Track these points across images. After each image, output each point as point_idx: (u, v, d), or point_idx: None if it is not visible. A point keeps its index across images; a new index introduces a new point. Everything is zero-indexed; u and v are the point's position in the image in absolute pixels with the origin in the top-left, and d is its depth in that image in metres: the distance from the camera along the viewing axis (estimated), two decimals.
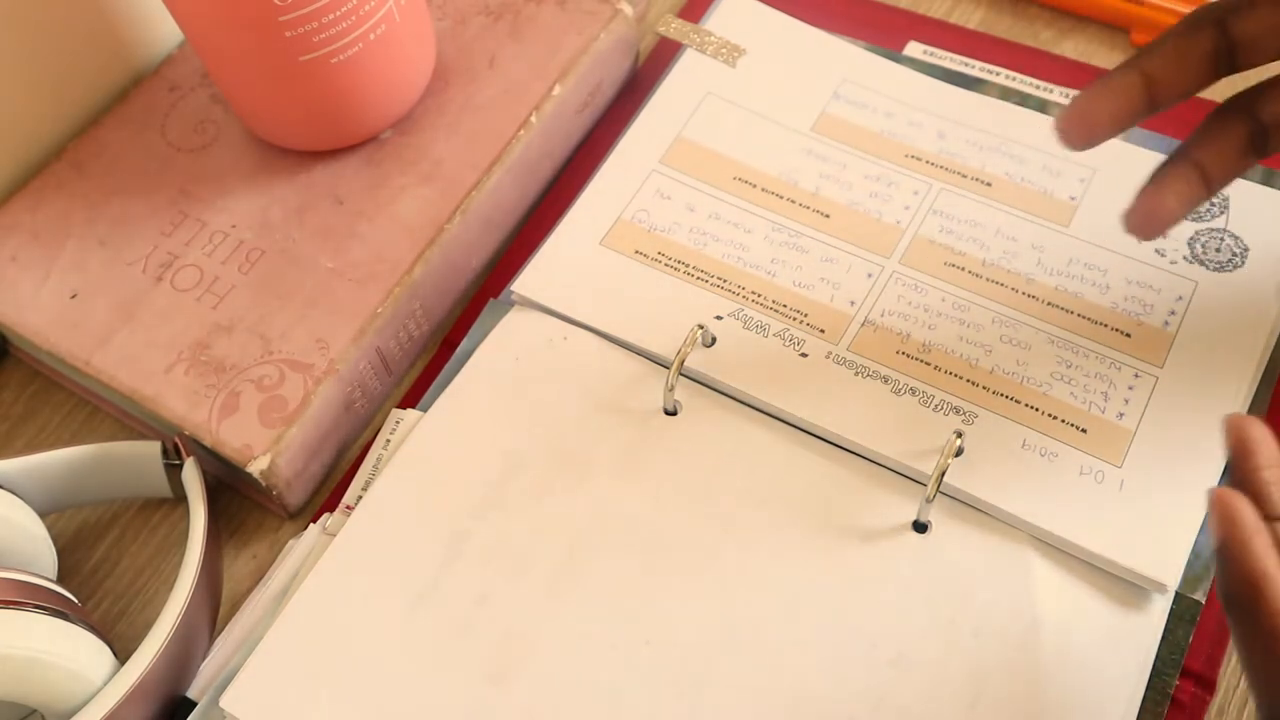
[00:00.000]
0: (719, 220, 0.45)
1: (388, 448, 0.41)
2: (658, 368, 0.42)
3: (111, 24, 0.48)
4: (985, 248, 0.44)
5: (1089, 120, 0.34)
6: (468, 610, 0.37)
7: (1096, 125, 0.34)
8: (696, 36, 0.50)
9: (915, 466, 0.38)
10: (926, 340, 0.41)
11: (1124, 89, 0.34)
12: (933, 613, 0.36)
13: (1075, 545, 0.37)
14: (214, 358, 0.41)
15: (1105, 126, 0.34)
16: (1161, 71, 0.34)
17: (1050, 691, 0.35)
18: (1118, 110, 0.34)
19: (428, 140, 0.46)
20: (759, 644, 0.36)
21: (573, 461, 0.40)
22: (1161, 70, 0.34)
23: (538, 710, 0.35)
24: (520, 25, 0.48)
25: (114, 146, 0.47)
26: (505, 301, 0.44)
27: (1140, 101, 0.34)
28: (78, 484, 0.39)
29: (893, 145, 0.47)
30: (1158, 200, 0.35)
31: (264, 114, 0.44)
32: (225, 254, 0.43)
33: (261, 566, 0.41)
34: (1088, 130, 0.34)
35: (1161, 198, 0.35)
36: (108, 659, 0.34)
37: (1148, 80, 0.34)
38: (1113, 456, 0.38)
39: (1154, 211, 0.35)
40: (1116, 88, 0.34)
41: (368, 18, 0.41)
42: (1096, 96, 0.34)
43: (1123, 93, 0.34)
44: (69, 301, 0.42)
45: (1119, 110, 0.34)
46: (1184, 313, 0.42)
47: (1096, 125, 0.34)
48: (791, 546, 0.38)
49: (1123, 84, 0.34)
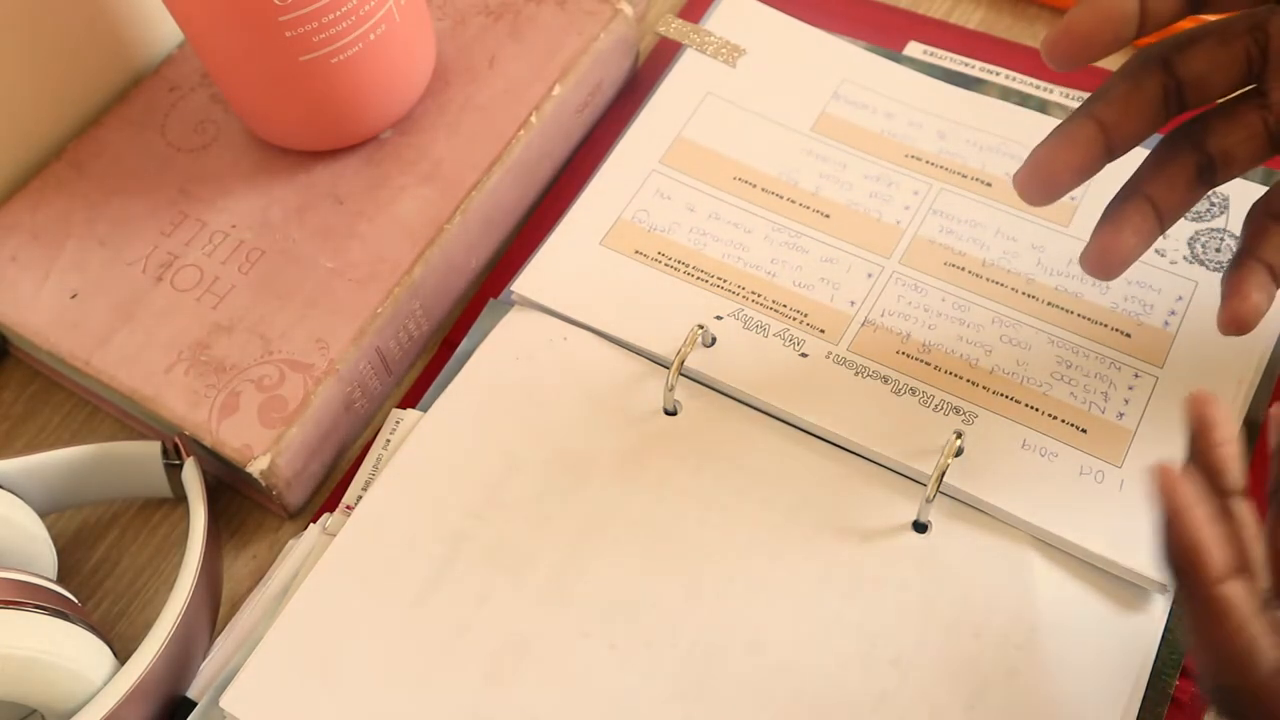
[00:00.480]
0: (719, 220, 0.45)
1: (388, 448, 0.41)
2: (658, 368, 0.42)
3: (111, 24, 0.48)
4: (985, 248, 0.44)
5: (1050, 175, 0.34)
6: (468, 610, 0.37)
7: (1057, 180, 0.34)
8: (696, 36, 0.50)
9: (915, 466, 0.38)
10: (926, 340, 0.41)
11: (1082, 141, 0.33)
12: (933, 613, 0.36)
13: (1075, 545, 0.37)
14: (214, 358, 0.41)
15: (1066, 180, 0.34)
16: (1114, 119, 0.33)
17: (1050, 692, 0.35)
18: (1078, 163, 0.34)
19: (428, 140, 0.46)
20: (759, 644, 0.36)
21: (573, 461, 0.40)
22: (1114, 117, 0.33)
23: (538, 710, 0.35)
24: (520, 25, 0.48)
25: (114, 146, 0.47)
26: (505, 301, 0.44)
27: (1098, 150, 0.34)
28: (78, 484, 0.39)
29: (893, 145, 0.47)
30: (1116, 239, 0.34)
31: (264, 114, 0.44)
32: (225, 254, 0.43)
33: (261, 566, 0.41)
34: (1049, 186, 0.34)
35: (1120, 236, 0.34)
36: (108, 659, 0.34)
37: (1103, 128, 0.33)
38: (1113, 456, 0.38)
39: (1113, 250, 0.34)
40: (1075, 139, 0.33)
41: (368, 18, 0.41)
42: (1055, 149, 0.34)
43: (1081, 145, 0.33)
44: (69, 301, 0.42)
45: (1079, 163, 0.34)
46: (1184, 313, 0.42)
47: (1057, 180, 0.34)
48: (791, 546, 0.38)
49: (1080, 135, 0.33)
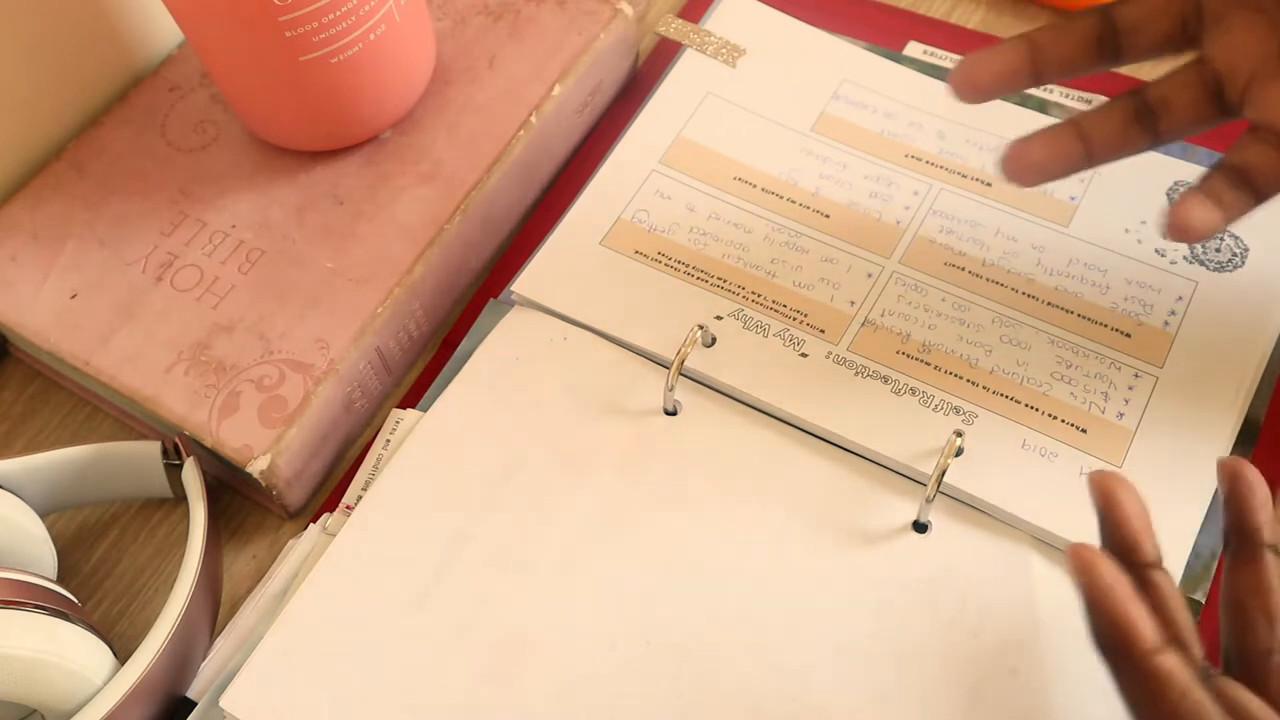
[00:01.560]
0: (719, 220, 0.45)
1: (388, 448, 0.41)
2: (658, 368, 0.42)
3: (111, 24, 0.48)
4: (985, 248, 0.44)
5: (973, 75, 0.37)
6: (467, 610, 0.37)
7: (978, 80, 0.37)
8: (696, 36, 0.50)
9: (915, 466, 0.38)
10: (926, 340, 0.41)
11: (1009, 51, 0.37)
12: (933, 613, 0.36)
13: None
14: (214, 358, 0.41)
15: (987, 82, 0.37)
16: (1046, 41, 0.37)
17: (1050, 692, 0.35)
18: (998, 68, 0.37)
19: (428, 140, 0.46)
20: (759, 644, 0.36)
21: (573, 461, 0.40)
22: (1046, 40, 0.37)
23: (538, 710, 0.35)
24: (520, 25, 0.48)
25: (114, 146, 0.47)
26: (505, 301, 0.44)
27: (1024, 65, 0.37)
28: (78, 484, 0.39)
29: (893, 145, 0.47)
30: (1025, 146, 0.37)
31: (264, 114, 0.44)
32: (225, 254, 0.43)
33: (261, 566, 0.41)
34: (972, 83, 0.37)
35: (1030, 144, 0.37)
36: (108, 659, 0.34)
37: (1032, 46, 0.37)
38: (1113, 457, 0.38)
39: (1020, 155, 0.37)
40: (1004, 49, 0.37)
41: (367, 18, 0.41)
42: (983, 54, 0.37)
43: (1008, 54, 0.37)
44: (69, 301, 0.42)
45: (1000, 68, 0.37)
46: (1184, 313, 0.42)
47: (978, 80, 0.37)
48: (791, 546, 0.38)
49: (1010, 47, 0.37)
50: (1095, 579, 0.28)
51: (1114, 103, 0.37)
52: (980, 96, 0.37)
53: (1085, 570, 0.28)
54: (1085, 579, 0.28)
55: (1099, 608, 0.28)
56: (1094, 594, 0.28)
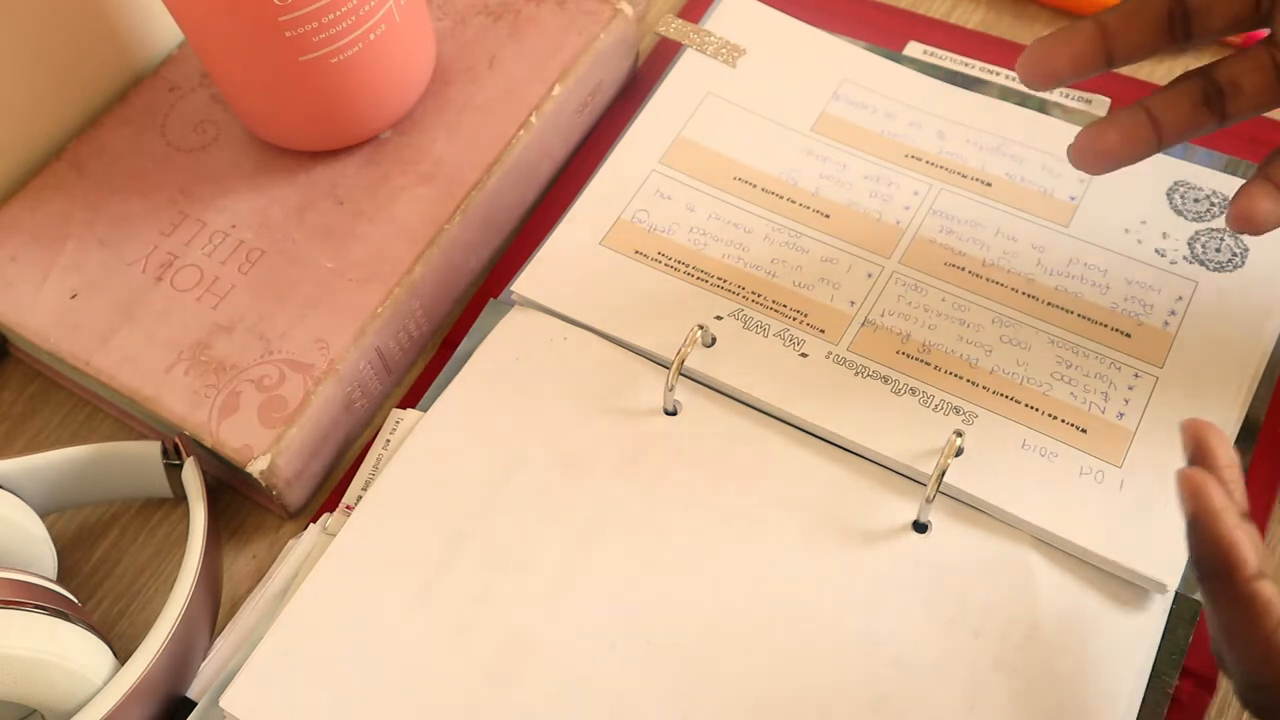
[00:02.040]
0: (719, 220, 0.45)
1: (388, 448, 0.41)
2: (658, 368, 0.42)
3: (111, 24, 0.48)
4: (985, 248, 0.44)
5: (1047, 60, 0.36)
6: (468, 610, 0.37)
7: (1053, 65, 0.36)
8: (696, 36, 0.50)
9: (915, 466, 0.38)
10: (926, 340, 0.41)
11: (1082, 34, 0.36)
12: (933, 613, 0.36)
13: (1075, 545, 0.37)
14: (214, 358, 0.41)
15: (1062, 68, 0.36)
16: (1117, 25, 0.36)
17: (1050, 692, 0.35)
18: (1074, 52, 0.36)
19: (428, 140, 0.46)
20: (759, 644, 0.36)
21: (573, 461, 0.40)
22: (1117, 24, 0.36)
23: (538, 710, 0.35)
24: (520, 25, 0.48)
25: (114, 146, 0.47)
26: (505, 301, 0.44)
27: (1096, 49, 0.36)
28: (78, 484, 0.39)
29: (893, 145, 0.47)
30: (1099, 133, 0.37)
31: (264, 114, 0.44)
32: (225, 254, 0.43)
33: (261, 566, 0.41)
34: (1045, 70, 0.37)
35: (1103, 131, 0.37)
36: (108, 659, 0.34)
37: (1103, 30, 0.36)
38: (1113, 456, 0.38)
39: (1093, 143, 0.37)
40: (1076, 32, 0.36)
41: (367, 18, 0.41)
42: (1056, 37, 0.36)
43: (1081, 38, 0.36)
44: (69, 301, 0.42)
45: (1075, 52, 0.36)
46: (1184, 313, 0.42)
47: (1053, 65, 0.36)
48: (791, 546, 0.38)
49: (1082, 30, 0.36)
50: (1206, 502, 0.28)
51: (1182, 85, 0.36)
52: (1052, 83, 0.37)
53: (1196, 494, 0.28)
54: (1197, 503, 0.28)
55: (1206, 531, 0.28)
56: (1203, 517, 0.28)
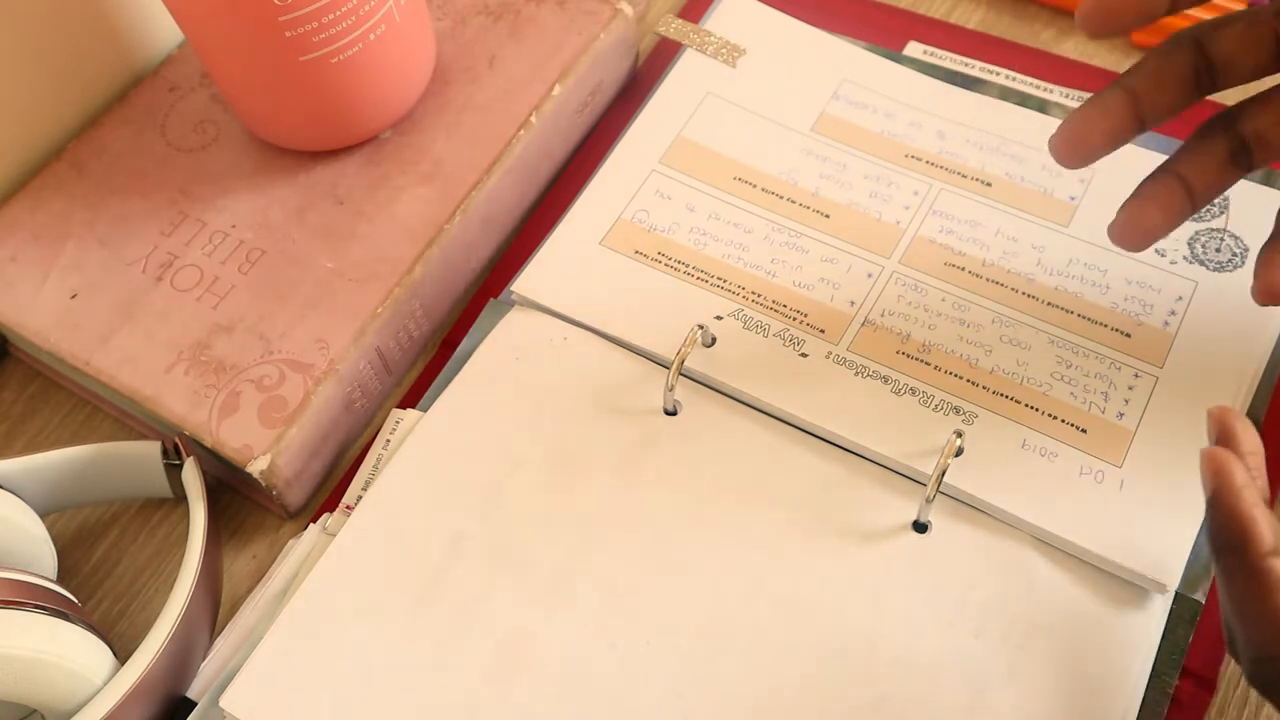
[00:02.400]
0: (719, 220, 0.45)
1: (388, 448, 0.41)
2: (658, 368, 0.42)
3: (111, 24, 0.48)
4: (985, 248, 0.44)
5: (1083, 138, 0.35)
6: (468, 610, 0.37)
7: (1090, 143, 0.35)
8: (696, 36, 0.50)
9: (915, 466, 0.38)
10: (926, 340, 0.41)
11: (1115, 107, 0.35)
12: (933, 613, 0.36)
13: (1075, 545, 0.37)
14: (214, 358, 0.41)
15: (1099, 145, 0.35)
16: (1145, 89, 0.35)
17: (1050, 692, 0.35)
18: (1110, 128, 0.35)
19: (428, 140, 0.46)
20: (759, 644, 0.36)
21: (573, 461, 0.40)
22: (1145, 88, 0.35)
23: (538, 710, 0.35)
24: (520, 25, 0.48)
25: (114, 146, 0.47)
26: (505, 301, 0.44)
27: (1130, 119, 0.35)
28: (78, 484, 0.39)
29: (893, 145, 0.47)
30: (1140, 212, 0.36)
31: (264, 114, 0.44)
32: (225, 254, 0.43)
33: (261, 566, 0.41)
34: (1082, 149, 0.35)
35: (1144, 209, 0.36)
36: (108, 659, 0.34)
37: (1134, 97, 0.35)
38: (1113, 456, 0.38)
39: (1136, 223, 0.36)
40: (1107, 106, 0.35)
41: (368, 18, 0.41)
42: (1089, 115, 0.35)
43: (1114, 111, 0.35)
44: (69, 301, 0.42)
45: (1111, 128, 0.35)
46: (1184, 313, 0.42)
47: (1090, 143, 0.35)
48: (791, 547, 0.38)
49: (1113, 102, 0.35)
50: (1228, 480, 0.29)
51: (1208, 144, 0.35)
52: (1089, 159, 0.35)
53: (1219, 471, 0.29)
54: (1219, 481, 0.29)
55: (1225, 507, 0.29)
56: (1224, 494, 0.29)
